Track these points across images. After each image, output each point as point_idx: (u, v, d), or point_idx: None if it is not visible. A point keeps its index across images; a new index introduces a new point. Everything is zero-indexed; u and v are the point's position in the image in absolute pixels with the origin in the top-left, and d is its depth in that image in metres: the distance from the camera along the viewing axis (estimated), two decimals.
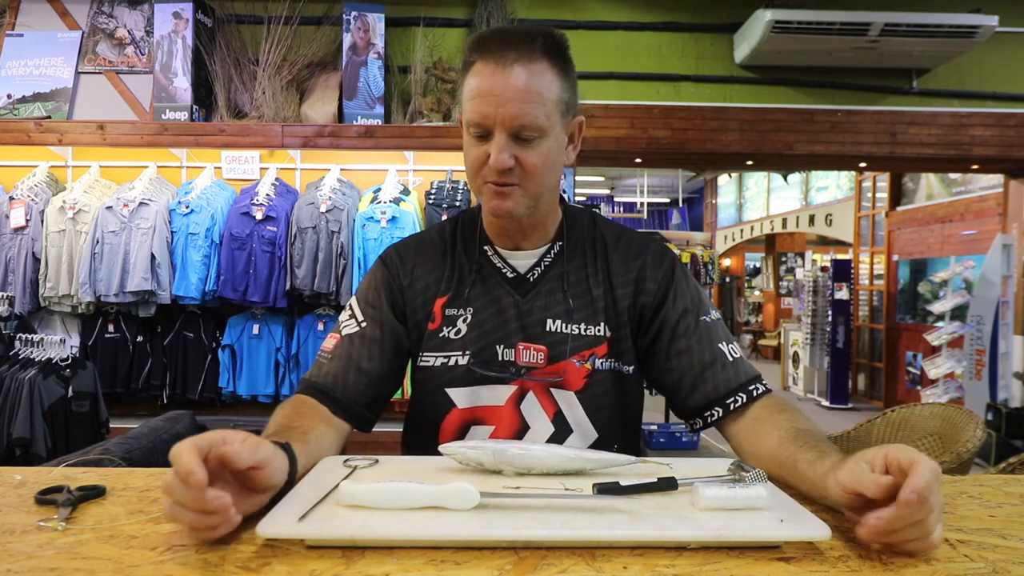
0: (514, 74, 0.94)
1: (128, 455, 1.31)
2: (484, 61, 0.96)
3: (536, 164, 0.98)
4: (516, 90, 0.94)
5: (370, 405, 1.05)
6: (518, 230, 1.08)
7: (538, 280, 1.08)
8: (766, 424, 0.95)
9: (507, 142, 0.96)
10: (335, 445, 0.97)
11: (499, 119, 0.95)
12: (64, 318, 3.61)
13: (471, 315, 1.07)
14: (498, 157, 0.95)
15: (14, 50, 3.79)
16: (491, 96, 0.95)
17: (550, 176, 1.01)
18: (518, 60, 0.95)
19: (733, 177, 12.50)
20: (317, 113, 3.63)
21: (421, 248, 1.13)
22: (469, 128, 0.99)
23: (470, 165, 1.01)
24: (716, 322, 1.08)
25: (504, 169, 0.96)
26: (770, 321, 12.03)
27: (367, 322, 1.07)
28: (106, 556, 0.62)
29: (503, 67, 0.95)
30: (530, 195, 1.00)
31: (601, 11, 3.96)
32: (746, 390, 1.01)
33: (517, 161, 0.97)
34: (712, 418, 1.02)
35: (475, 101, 0.96)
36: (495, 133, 0.96)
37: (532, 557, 0.62)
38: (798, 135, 3.93)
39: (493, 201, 1.00)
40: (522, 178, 0.98)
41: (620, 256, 1.10)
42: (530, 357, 1.05)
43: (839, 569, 0.61)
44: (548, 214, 1.09)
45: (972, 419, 2.32)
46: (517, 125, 0.95)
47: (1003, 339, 4.98)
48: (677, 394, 1.05)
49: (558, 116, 0.99)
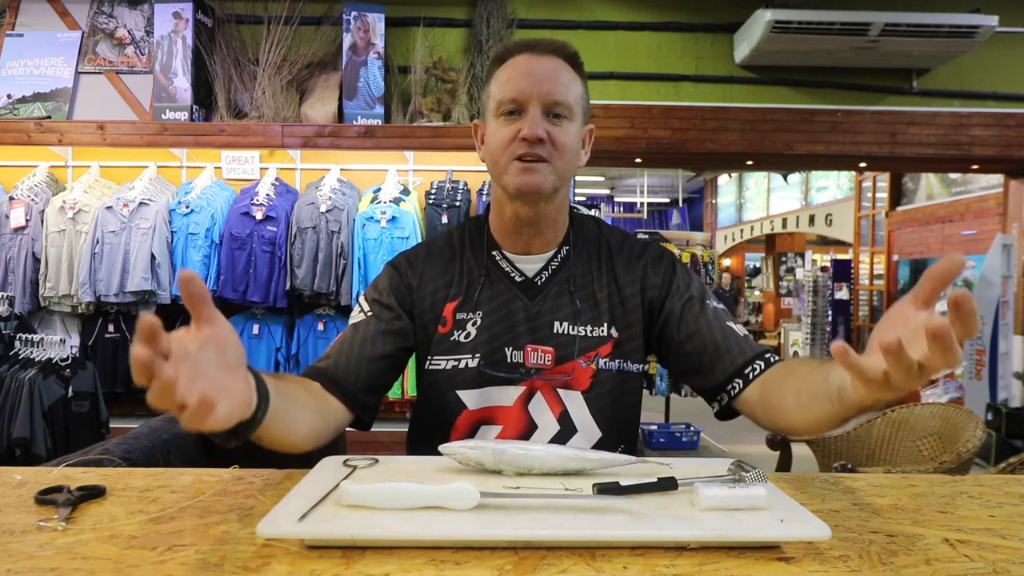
0: (547, 60, 1.04)
1: (128, 455, 1.31)
2: (519, 53, 1.05)
3: (565, 142, 1.03)
4: (551, 72, 1.03)
5: (369, 391, 1.03)
6: (532, 224, 1.09)
7: (546, 283, 1.11)
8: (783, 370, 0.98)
9: (541, 116, 1.02)
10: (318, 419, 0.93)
11: (535, 94, 1.01)
12: (64, 318, 3.61)
13: (480, 318, 1.09)
14: (533, 126, 1.00)
15: (14, 50, 3.79)
16: (528, 75, 1.02)
17: (572, 161, 1.07)
18: (550, 52, 1.05)
19: (733, 177, 12.50)
20: (317, 113, 3.63)
21: (430, 254, 1.16)
22: (501, 107, 1.03)
23: (498, 144, 1.04)
24: (720, 307, 1.12)
25: (537, 138, 1.00)
26: (770, 321, 12.02)
27: (373, 312, 1.10)
28: (106, 556, 0.62)
29: (537, 55, 1.04)
30: (557, 172, 1.04)
31: (601, 11, 3.95)
32: (763, 358, 1.04)
33: (548, 136, 1.02)
34: (734, 391, 1.03)
35: (511, 81, 1.03)
36: (529, 108, 1.02)
37: (532, 557, 0.62)
38: (798, 135, 3.93)
39: (520, 177, 1.02)
40: (551, 154, 1.02)
41: (624, 259, 1.14)
42: (538, 359, 1.07)
43: (839, 569, 0.61)
44: (560, 212, 1.12)
45: (972, 419, 2.32)
46: (551, 100, 1.02)
47: (1003, 339, 4.98)
48: (698, 375, 1.08)
49: (580, 111, 1.06)
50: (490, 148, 1.06)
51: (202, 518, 0.72)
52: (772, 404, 0.97)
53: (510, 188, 1.04)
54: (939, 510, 0.78)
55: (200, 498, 0.79)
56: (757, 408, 1.01)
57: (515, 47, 1.06)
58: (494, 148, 1.05)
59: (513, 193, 1.04)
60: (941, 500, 0.82)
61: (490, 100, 1.07)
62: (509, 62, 1.05)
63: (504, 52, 1.07)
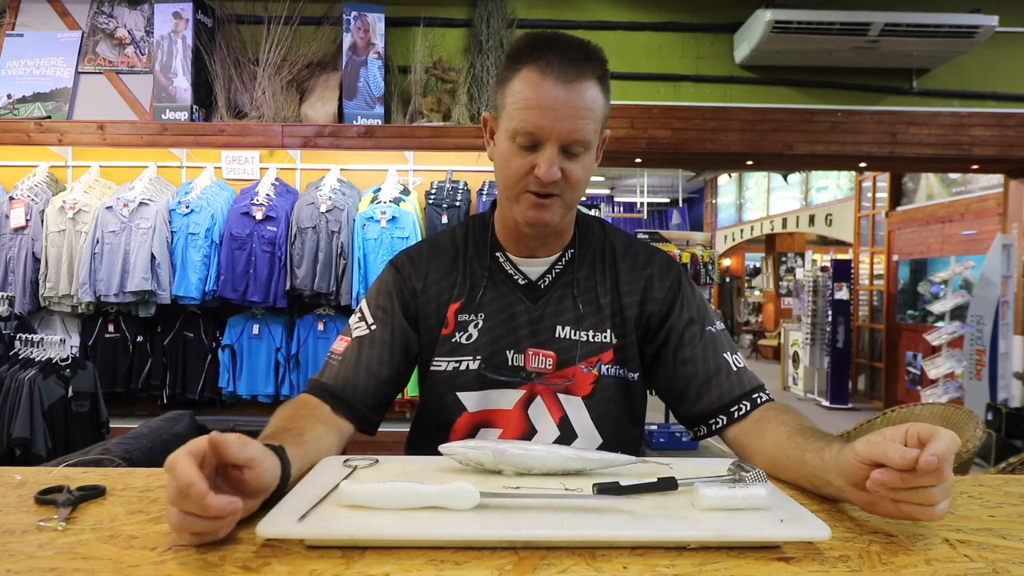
0: (572, 91, 0.95)
1: (128, 455, 1.30)
2: (541, 72, 0.95)
3: (580, 177, 1.00)
4: (574, 106, 0.95)
5: (376, 407, 1.05)
6: (539, 238, 1.08)
7: (549, 287, 1.10)
8: (772, 422, 0.95)
9: (557, 156, 0.97)
10: (334, 446, 0.96)
11: (555, 133, 0.95)
12: (64, 318, 3.61)
13: (482, 320, 1.08)
14: (549, 170, 0.96)
15: (14, 50, 3.79)
16: (549, 110, 0.94)
17: (585, 188, 1.04)
18: (577, 78, 0.95)
19: (733, 177, 12.50)
20: (317, 113, 3.63)
21: (433, 253, 1.14)
22: (516, 137, 0.97)
23: (511, 174, 1.00)
24: (720, 332, 1.09)
25: (552, 181, 0.97)
26: (770, 321, 12.02)
27: (377, 325, 1.08)
28: (106, 556, 0.62)
29: (563, 83, 0.94)
30: (567, 205, 1.02)
31: (601, 11, 3.95)
32: (750, 398, 1.02)
33: (563, 174, 0.98)
34: (716, 426, 1.03)
35: (530, 112, 0.95)
36: (546, 146, 0.96)
37: (532, 557, 0.62)
38: (798, 135, 3.93)
39: (531, 212, 1.00)
40: (563, 189, 1.00)
41: (628, 265, 1.12)
42: (539, 362, 1.06)
43: (839, 569, 0.61)
44: (569, 223, 1.11)
45: (972, 419, 2.32)
46: (571, 140, 0.96)
47: (1003, 339, 4.98)
48: (682, 402, 1.07)
49: (599, 129, 1.01)
50: (501, 168, 1.02)
51: None
52: (750, 450, 0.98)
53: (519, 218, 1.02)
54: None
55: None
56: (734, 445, 1.02)
57: (538, 57, 0.95)
58: (506, 172, 1.01)
59: (522, 223, 1.03)
60: None
61: (505, 112, 0.99)
62: (530, 77, 0.95)
63: (529, 51, 0.97)
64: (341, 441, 0.99)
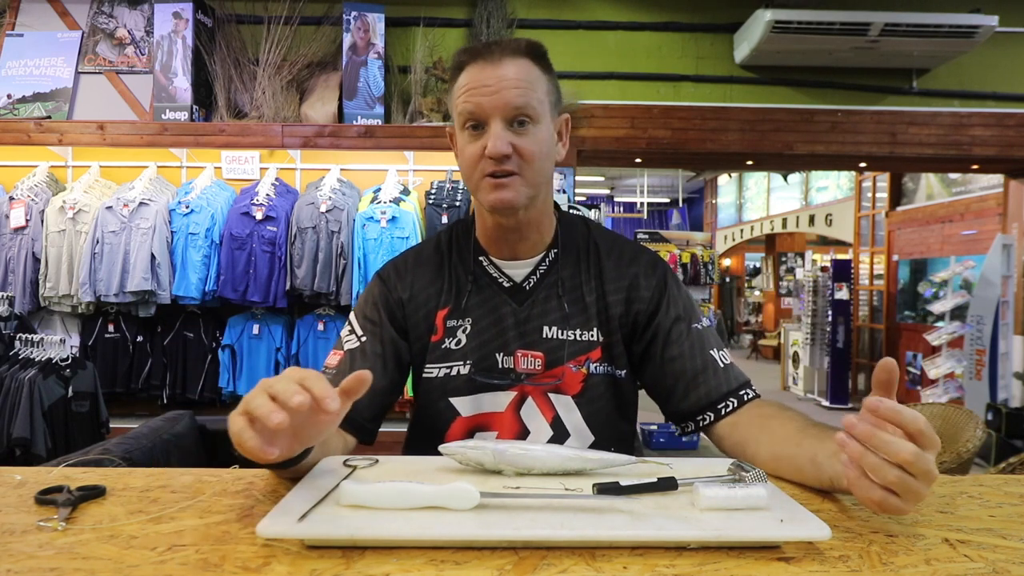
0: (504, 66, 0.99)
1: (128, 455, 1.30)
2: (473, 62, 1.00)
3: (533, 150, 1.00)
4: (508, 79, 0.98)
5: (374, 418, 1.07)
6: (516, 231, 1.08)
7: (534, 288, 1.10)
8: (778, 418, 0.96)
9: (503, 129, 0.98)
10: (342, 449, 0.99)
11: (494, 106, 0.98)
12: (64, 318, 3.61)
13: (470, 325, 1.08)
14: (495, 143, 0.97)
15: (14, 50, 3.79)
16: (484, 87, 0.98)
17: (546, 164, 1.03)
18: (504, 56, 1.00)
19: (733, 177, 12.50)
20: (317, 113, 3.63)
21: (418, 262, 1.15)
22: (464, 124, 1.01)
23: (467, 162, 1.02)
24: (707, 329, 1.10)
25: (502, 155, 0.98)
26: (770, 321, 12.02)
27: (367, 337, 1.09)
28: (106, 556, 0.62)
29: (492, 62, 0.99)
30: (529, 183, 1.01)
31: (601, 11, 3.96)
32: (737, 395, 1.03)
33: (514, 149, 0.99)
34: (704, 422, 1.04)
35: (468, 93, 0.99)
36: (490, 123, 0.98)
37: (532, 557, 0.62)
38: (798, 135, 3.93)
39: (492, 194, 1.00)
40: (520, 166, 1.00)
41: (613, 263, 1.12)
42: (528, 364, 1.07)
43: (839, 569, 0.61)
44: (544, 215, 1.10)
45: (972, 419, 2.32)
46: (512, 109, 0.98)
47: (1003, 339, 4.98)
48: (670, 399, 1.07)
49: (548, 107, 1.03)
50: (461, 162, 1.04)
51: (202, 518, 0.72)
52: (740, 446, 0.98)
53: (485, 205, 1.03)
54: (939, 510, 0.78)
55: (200, 498, 0.79)
56: (724, 443, 1.03)
57: (468, 54, 1.02)
58: (464, 164, 1.03)
59: (488, 209, 1.04)
60: (941, 500, 0.82)
61: (455, 112, 1.03)
62: (467, 70, 1.01)
63: (461, 59, 1.03)
64: (346, 450, 1.01)
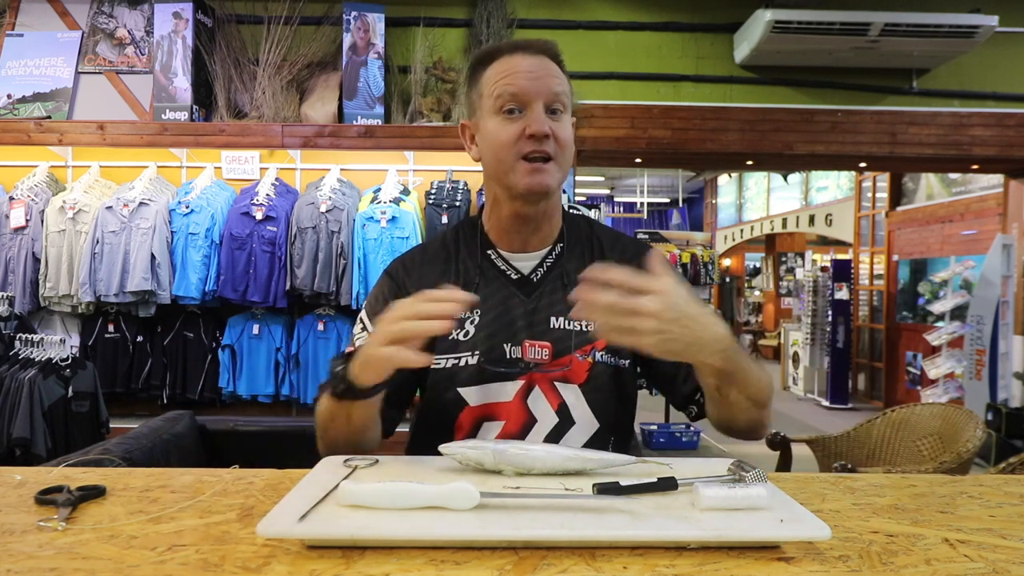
0: (542, 60, 1.06)
1: (128, 455, 1.31)
2: (509, 53, 1.06)
3: (566, 137, 1.05)
4: (547, 70, 1.05)
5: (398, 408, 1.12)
6: (531, 221, 1.11)
7: (541, 280, 1.13)
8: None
9: (544, 113, 1.03)
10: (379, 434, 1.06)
11: (537, 91, 1.03)
12: (64, 318, 3.61)
13: (479, 316, 1.11)
14: (540, 125, 1.01)
15: (14, 50, 3.79)
16: (528, 73, 1.04)
17: (571, 155, 1.09)
18: (541, 53, 1.07)
19: (733, 177, 12.49)
20: (317, 113, 3.63)
21: (425, 258, 1.18)
22: (501, 108, 1.04)
23: (502, 145, 1.04)
24: None
25: (544, 135, 1.02)
26: (770, 321, 12.02)
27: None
28: (106, 556, 0.62)
29: (532, 55, 1.06)
30: (561, 169, 1.06)
31: (601, 11, 3.96)
32: None
33: (552, 132, 1.03)
34: (702, 402, 1.09)
35: (509, 77, 1.04)
36: (533, 105, 1.03)
37: (532, 557, 0.62)
38: (798, 135, 3.93)
39: (528, 178, 1.03)
40: (556, 151, 1.04)
41: (616, 256, 1.16)
42: (536, 354, 1.09)
43: (839, 569, 0.61)
44: (556, 207, 1.15)
45: (972, 419, 2.32)
46: (552, 95, 1.04)
47: (1003, 339, 4.98)
48: (674, 383, 1.13)
49: (570, 103, 1.08)
50: (492, 147, 1.06)
51: (202, 518, 0.73)
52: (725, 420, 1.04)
53: (519, 188, 1.04)
54: (939, 510, 0.78)
55: (200, 498, 0.79)
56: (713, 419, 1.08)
57: (505, 46, 1.07)
58: (497, 147, 1.05)
59: (522, 192, 1.05)
60: (941, 500, 0.82)
61: (485, 99, 1.07)
62: (500, 60, 1.06)
63: (493, 51, 1.08)
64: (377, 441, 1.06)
